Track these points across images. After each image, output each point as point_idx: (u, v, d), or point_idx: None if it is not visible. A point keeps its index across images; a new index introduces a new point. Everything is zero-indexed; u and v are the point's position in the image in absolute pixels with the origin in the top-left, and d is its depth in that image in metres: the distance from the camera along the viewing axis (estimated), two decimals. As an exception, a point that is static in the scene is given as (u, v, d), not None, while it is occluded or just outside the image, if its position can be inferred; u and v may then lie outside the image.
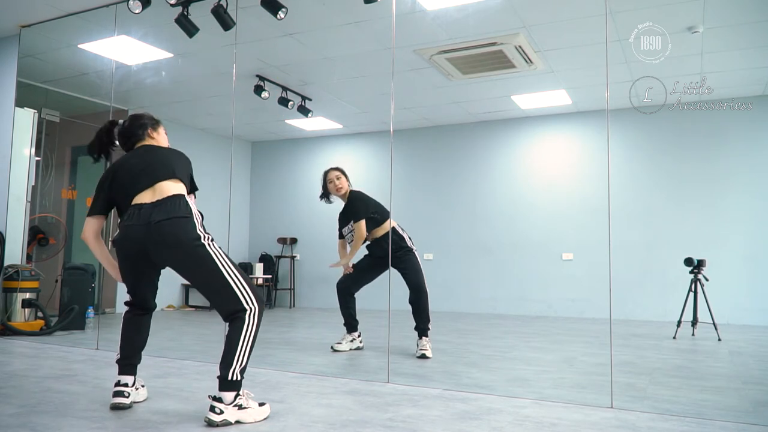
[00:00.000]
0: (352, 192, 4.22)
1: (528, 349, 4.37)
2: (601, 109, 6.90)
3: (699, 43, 4.96)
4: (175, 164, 2.49)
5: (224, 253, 2.33)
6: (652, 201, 6.80)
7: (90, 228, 2.47)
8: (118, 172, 2.48)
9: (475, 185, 7.72)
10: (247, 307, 2.27)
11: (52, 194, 6.37)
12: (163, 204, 2.32)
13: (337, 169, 4.24)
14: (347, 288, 4.22)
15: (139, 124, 2.66)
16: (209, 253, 2.28)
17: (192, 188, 2.58)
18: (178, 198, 2.36)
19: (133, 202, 2.37)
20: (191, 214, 2.33)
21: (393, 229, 4.08)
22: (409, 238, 4.14)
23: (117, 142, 2.67)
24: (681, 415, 2.44)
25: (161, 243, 2.28)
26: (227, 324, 2.30)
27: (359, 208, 4.12)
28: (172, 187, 2.39)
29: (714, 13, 4.47)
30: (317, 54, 5.49)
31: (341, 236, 4.31)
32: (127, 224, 2.36)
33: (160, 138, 2.68)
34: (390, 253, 3.91)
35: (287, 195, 8.83)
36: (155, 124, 2.71)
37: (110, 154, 2.69)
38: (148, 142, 2.62)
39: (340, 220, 4.30)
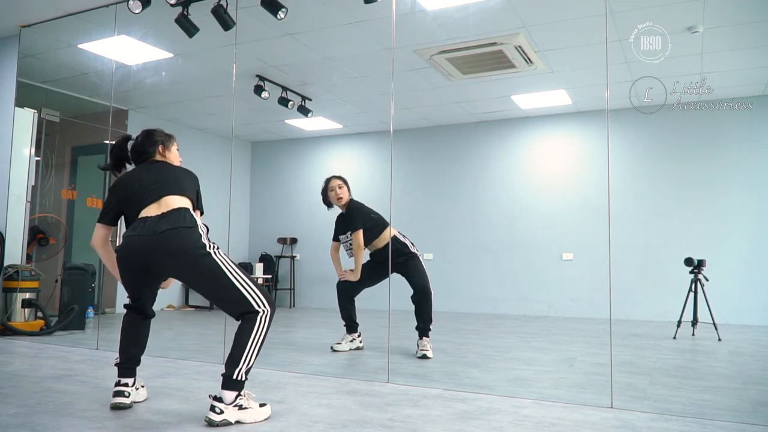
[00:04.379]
0: (351, 201, 4.21)
1: (528, 349, 4.37)
2: (601, 109, 6.90)
3: (699, 43, 4.96)
4: (183, 181, 2.53)
5: (231, 260, 2.33)
6: (652, 201, 6.80)
7: (98, 235, 2.54)
8: (127, 186, 2.50)
9: (475, 185, 7.72)
10: (258, 309, 2.27)
11: (52, 194, 6.37)
12: (168, 216, 2.34)
13: (339, 177, 4.22)
14: (347, 291, 4.22)
15: (152, 141, 2.66)
16: (215, 261, 2.28)
17: (198, 206, 2.58)
18: (184, 210, 2.38)
19: (140, 215, 2.39)
20: (196, 224, 2.34)
21: (394, 237, 4.08)
22: (412, 244, 4.12)
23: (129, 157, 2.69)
24: (681, 415, 2.44)
25: (166, 253, 2.28)
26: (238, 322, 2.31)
27: (357, 219, 4.11)
28: (178, 201, 2.42)
29: (714, 13, 4.47)
30: (317, 54, 5.48)
31: (336, 239, 4.32)
32: (130, 234, 2.36)
33: (172, 156, 2.70)
34: (390, 261, 3.90)
35: (287, 195, 8.83)
36: (167, 141, 2.71)
37: (125, 167, 2.72)
38: (158, 158, 2.64)
39: (337, 225, 4.31)
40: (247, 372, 2.25)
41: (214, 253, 2.30)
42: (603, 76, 5.34)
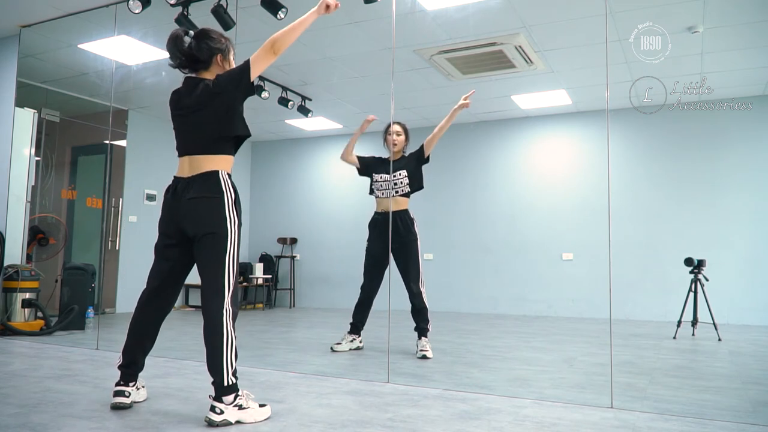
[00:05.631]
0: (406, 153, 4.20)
1: (528, 349, 4.37)
2: (601, 109, 6.90)
3: (699, 43, 4.96)
4: (222, 125, 2.36)
5: (237, 248, 2.35)
6: (652, 201, 6.80)
7: None
8: (173, 116, 2.48)
9: (475, 185, 7.72)
10: (224, 311, 2.29)
11: (52, 194, 6.37)
12: (196, 181, 2.35)
13: (401, 124, 4.17)
14: (371, 292, 4.15)
15: (208, 49, 2.42)
16: (225, 244, 2.30)
17: (242, 131, 2.42)
18: (212, 176, 2.35)
19: (176, 174, 2.42)
20: (221, 193, 2.34)
21: (406, 211, 4.09)
22: (413, 222, 4.11)
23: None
24: (681, 415, 2.44)
25: (189, 219, 2.34)
26: (203, 319, 2.33)
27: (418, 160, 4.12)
28: (208, 163, 2.37)
29: (714, 13, 4.47)
30: (317, 54, 5.48)
31: (363, 172, 4.30)
32: (166, 197, 2.43)
33: (228, 67, 2.49)
34: (390, 236, 3.88)
35: (287, 195, 8.83)
36: (226, 50, 2.47)
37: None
38: (214, 71, 2.45)
39: (371, 165, 4.24)
40: (234, 374, 2.25)
41: (231, 231, 2.31)
42: (603, 76, 5.35)
